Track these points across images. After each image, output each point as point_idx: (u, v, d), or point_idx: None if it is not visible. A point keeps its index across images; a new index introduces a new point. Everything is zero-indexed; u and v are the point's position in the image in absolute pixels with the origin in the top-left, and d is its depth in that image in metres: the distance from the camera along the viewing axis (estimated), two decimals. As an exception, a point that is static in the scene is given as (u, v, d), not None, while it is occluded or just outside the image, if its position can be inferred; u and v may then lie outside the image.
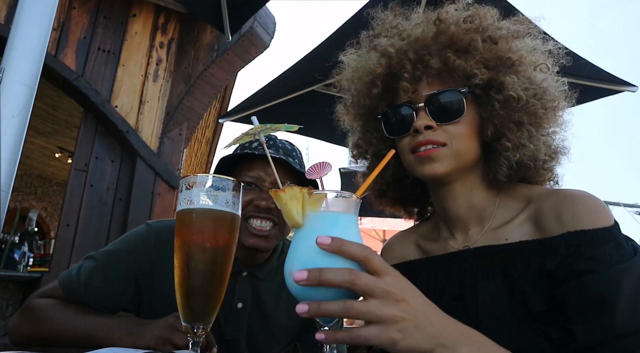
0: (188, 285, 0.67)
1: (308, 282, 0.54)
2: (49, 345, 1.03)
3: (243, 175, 1.16)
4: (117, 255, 1.15)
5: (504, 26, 0.85)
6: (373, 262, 0.56)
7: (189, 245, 0.68)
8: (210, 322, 0.70)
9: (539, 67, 0.85)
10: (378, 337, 0.54)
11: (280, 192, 0.58)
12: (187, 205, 0.68)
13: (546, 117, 0.83)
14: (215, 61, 3.95)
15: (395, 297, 0.55)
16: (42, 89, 2.00)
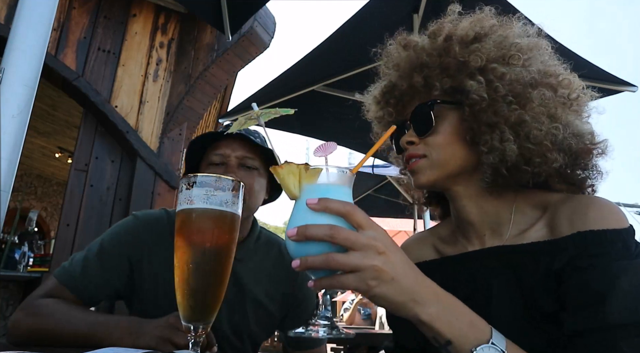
0: (188, 285, 0.68)
1: (297, 237, 0.60)
2: (49, 344, 1.03)
3: (211, 155, 1.26)
4: (109, 242, 1.22)
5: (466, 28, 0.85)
6: (355, 216, 0.61)
7: (189, 245, 0.68)
8: (210, 322, 0.70)
9: (509, 59, 0.81)
10: (355, 282, 0.59)
11: (278, 168, 0.64)
12: (187, 205, 0.68)
13: (527, 115, 0.78)
14: (215, 61, 3.95)
15: (376, 249, 0.59)
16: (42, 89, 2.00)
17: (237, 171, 1.24)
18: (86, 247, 1.22)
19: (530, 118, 0.77)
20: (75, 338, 1.01)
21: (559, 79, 0.82)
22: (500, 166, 0.79)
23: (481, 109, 0.79)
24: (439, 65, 0.84)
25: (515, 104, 0.78)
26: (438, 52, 0.84)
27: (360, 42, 3.04)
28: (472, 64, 0.81)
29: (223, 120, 3.51)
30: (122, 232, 1.24)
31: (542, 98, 0.78)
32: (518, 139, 0.78)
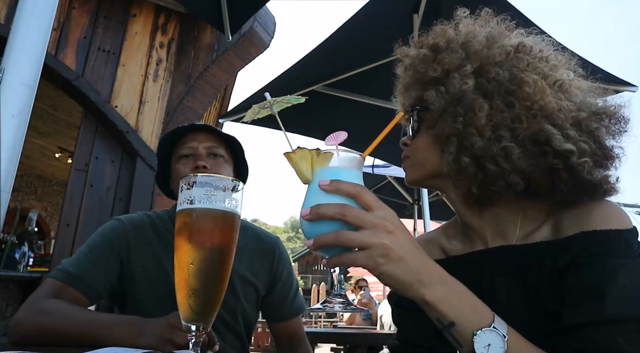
0: (188, 285, 0.67)
1: (310, 216, 0.62)
2: (53, 343, 1.03)
3: (181, 149, 1.37)
4: (97, 240, 1.29)
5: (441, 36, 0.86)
6: (365, 197, 0.63)
7: (189, 245, 0.68)
8: (210, 322, 0.70)
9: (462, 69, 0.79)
10: (364, 259, 0.61)
11: (291, 154, 0.67)
12: (187, 205, 0.68)
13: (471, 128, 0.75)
14: (215, 61, 3.96)
15: (385, 229, 0.61)
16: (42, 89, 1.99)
17: (207, 160, 1.35)
18: (74, 253, 1.27)
19: (474, 131, 0.75)
20: (78, 337, 1.01)
21: (533, 87, 0.75)
22: (469, 183, 0.78)
23: (435, 120, 0.81)
24: (413, 74, 0.88)
25: (461, 116, 0.77)
26: (414, 61, 0.88)
27: (361, 42, 3.04)
28: (430, 74, 0.83)
29: (223, 120, 3.51)
30: (109, 232, 1.32)
31: (488, 109, 0.75)
32: (465, 153, 0.76)
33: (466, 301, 0.65)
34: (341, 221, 0.61)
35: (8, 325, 1.11)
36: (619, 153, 0.76)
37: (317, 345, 5.74)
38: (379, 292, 9.64)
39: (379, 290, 9.74)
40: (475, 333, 0.62)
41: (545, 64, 0.80)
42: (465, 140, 0.76)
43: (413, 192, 5.68)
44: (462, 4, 0.91)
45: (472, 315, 0.64)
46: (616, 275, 0.66)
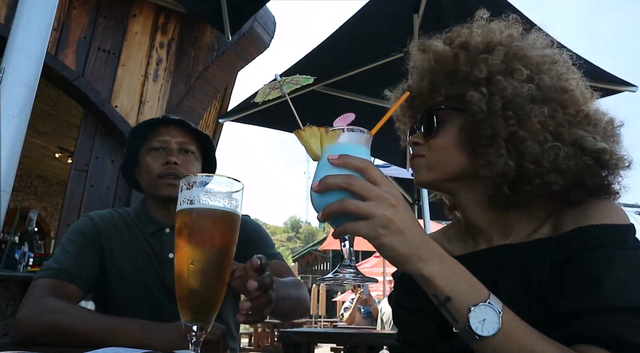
0: (188, 285, 0.67)
1: (318, 187, 0.65)
2: (55, 342, 1.03)
3: (152, 141, 1.38)
4: (74, 237, 1.30)
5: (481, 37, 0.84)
6: (372, 171, 0.65)
7: (189, 245, 0.67)
8: (210, 322, 0.70)
9: (513, 72, 0.80)
10: (366, 228, 0.62)
11: (301, 131, 0.69)
12: (187, 205, 0.68)
13: (525, 132, 0.76)
14: (215, 61, 3.96)
15: (389, 202, 0.63)
16: (42, 89, 1.99)
17: (177, 155, 1.37)
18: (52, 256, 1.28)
19: (528, 135, 0.76)
20: (86, 336, 1.02)
21: (570, 94, 0.80)
22: (501, 183, 0.78)
23: (479, 121, 0.79)
24: (446, 72, 0.84)
25: (513, 120, 0.77)
26: (447, 58, 0.85)
27: (361, 42, 3.04)
28: (475, 74, 0.80)
29: (223, 120, 3.51)
30: (82, 228, 1.33)
31: (542, 115, 0.76)
32: (514, 156, 0.77)
33: (463, 277, 0.67)
34: (348, 192, 0.64)
35: (8, 325, 1.11)
36: (631, 159, 0.80)
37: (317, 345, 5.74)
38: (378, 292, 9.64)
39: (379, 290, 9.74)
40: (470, 309, 0.64)
41: (574, 75, 0.83)
42: (517, 144, 0.76)
43: (413, 192, 5.67)
44: (462, 5, 0.91)
45: (468, 290, 0.65)
46: (613, 264, 0.67)
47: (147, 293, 1.29)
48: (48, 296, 1.13)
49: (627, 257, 0.69)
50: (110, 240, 1.33)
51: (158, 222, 1.38)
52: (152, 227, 1.37)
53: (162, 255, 1.33)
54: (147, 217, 1.39)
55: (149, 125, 1.42)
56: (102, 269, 1.30)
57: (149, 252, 1.33)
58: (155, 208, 1.40)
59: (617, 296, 0.65)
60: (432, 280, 0.65)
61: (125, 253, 1.32)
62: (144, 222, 1.38)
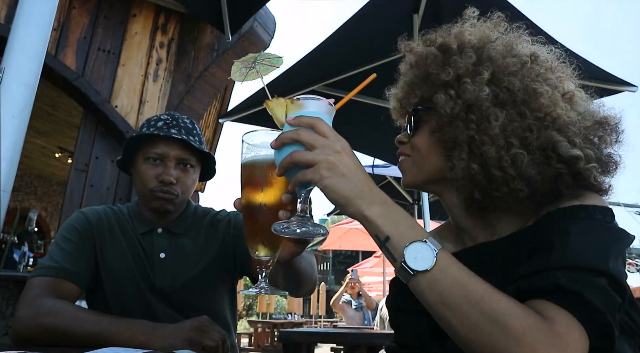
0: (257, 222, 0.78)
1: (275, 143, 0.71)
2: (55, 343, 1.03)
3: (149, 152, 1.33)
4: (68, 234, 1.29)
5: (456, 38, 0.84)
6: (322, 127, 0.70)
7: (255, 191, 0.79)
8: (276, 256, 0.81)
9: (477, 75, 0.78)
10: (311, 173, 0.67)
11: (269, 102, 0.76)
12: (251, 157, 0.80)
13: (484, 136, 0.75)
14: (215, 61, 3.96)
15: (333, 148, 0.68)
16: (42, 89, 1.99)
17: (174, 170, 1.33)
18: (47, 253, 1.28)
19: (487, 139, 0.74)
20: (86, 337, 1.02)
21: (544, 97, 0.76)
22: (472, 188, 0.77)
23: (444, 124, 0.80)
24: (422, 73, 0.86)
25: (473, 123, 0.76)
26: (425, 60, 0.86)
27: (361, 42, 3.04)
28: (442, 77, 0.81)
29: (223, 120, 3.51)
30: (77, 225, 1.31)
31: (503, 119, 0.74)
32: (476, 160, 0.75)
33: (404, 219, 0.69)
34: (300, 146, 0.69)
35: (8, 325, 1.11)
36: (619, 160, 0.78)
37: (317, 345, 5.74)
38: (378, 292, 9.63)
39: (378, 290, 9.74)
40: (407, 245, 0.66)
41: (552, 75, 0.80)
42: (476, 148, 0.76)
43: (413, 192, 5.68)
44: (462, 5, 0.91)
45: (408, 231, 0.67)
46: (568, 231, 0.68)
47: (138, 293, 1.29)
48: (45, 296, 1.12)
49: (584, 226, 0.69)
50: (103, 237, 1.32)
51: (150, 222, 1.38)
52: (144, 226, 1.37)
53: (153, 255, 1.33)
54: (139, 217, 1.39)
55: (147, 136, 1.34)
56: (95, 266, 1.30)
57: (139, 252, 1.33)
58: (147, 209, 1.39)
59: (567, 257, 0.64)
60: (372, 220, 0.68)
61: (116, 251, 1.32)
62: (136, 222, 1.38)
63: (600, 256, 0.65)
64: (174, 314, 1.29)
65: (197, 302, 1.33)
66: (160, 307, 1.29)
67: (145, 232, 1.36)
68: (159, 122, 1.36)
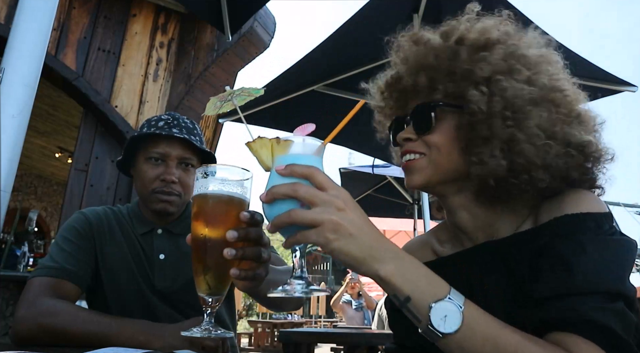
0: (204, 261, 0.75)
1: (266, 197, 0.65)
2: (55, 343, 1.03)
3: (151, 151, 1.32)
4: (69, 235, 1.28)
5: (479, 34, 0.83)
6: (318, 177, 0.64)
7: (205, 227, 0.75)
8: (224, 294, 0.78)
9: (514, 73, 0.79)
10: (315, 236, 0.62)
11: (252, 143, 0.69)
12: (203, 190, 0.76)
13: (522, 133, 0.76)
14: (215, 61, 3.96)
15: (335, 205, 0.62)
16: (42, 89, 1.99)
17: (176, 170, 1.33)
18: (48, 253, 1.28)
19: (525, 136, 0.76)
20: (85, 337, 1.02)
21: (564, 94, 0.79)
22: (488, 178, 0.78)
23: (478, 121, 0.78)
24: (445, 68, 0.82)
25: (512, 120, 0.76)
26: (447, 54, 0.83)
27: (360, 42, 3.04)
28: (477, 73, 0.79)
29: (223, 120, 3.51)
30: (77, 225, 1.31)
31: (540, 117, 0.76)
32: (509, 155, 0.76)
33: (421, 274, 0.65)
34: (295, 201, 0.63)
35: (8, 325, 1.11)
36: (613, 152, 0.81)
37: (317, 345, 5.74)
38: (378, 292, 9.63)
39: (378, 290, 9.73)
40: (431, 306, 0.63)
41: (565, 74, 0.83)
42: (516, 145, 0.76)
43: (413, 192, 5.67)
44: (462, 4, 0.91)
45: (428, 287, 0.64)
46: (584, 248, 0.67)
47: (137, 293, 1.29)
48: (45, 296, 1.12)
49: (598, 242, 0.69)
50: (103, 237, 1.32)
51: (150, 222, 1.38)
52: (144, 227, 1.37)
53: (152, 256, 1.33)
54: (139, 217, 1.39)
55: (146, 136, 1.34)
56: (95, 267, 1.30)
57: (139, 252, 1.33)
58: (147, 210, 1.39)
59: (587, 280, 0.65)
60: (389, 280, 0.64)
61: (116, 252, 1.32)
62: (136, 222, 1.38)
63: (618, 276, 0.66)
64: (174, 314, 1.29)
65: (196, 302, 1.32)
66: (160, 307, 1.28)
67: (145, 233, 1.36)
68: (160, 122, 1.36)
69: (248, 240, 0.74)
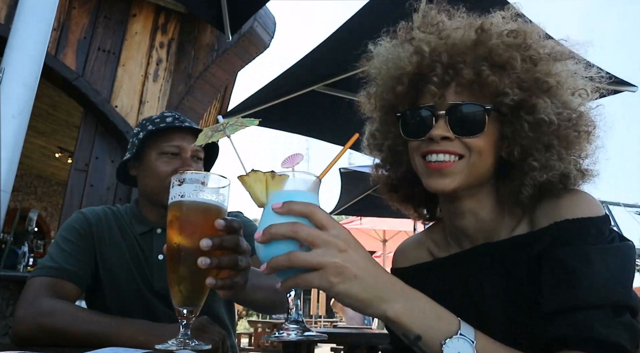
0: (179, 272, 0.73)
1: (263, 237, 0.61)
2: (55, 343, 1.03)
3: (165, 145, 1.32)
4: (69, 235, 1.28)
5: (548, 46, 0.81)
6: (318, 216, 0.61)
7: (179, 235, 0.72)
8: (199, 306, 0.76)
9: (578, 92, 0.80)
10: (318, 280, 0.59)
11: (245, 177, 0.65)
12: (178, 198, 0.74)
13: (578, 141, 0.78)
14: (215, 61, 3.96)
15: (337, 247, 0.60)
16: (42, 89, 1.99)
17: (192, 163, 1.33)
18: (47, 254, 1.27)
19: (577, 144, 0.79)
20: (85, 337, 1.02)
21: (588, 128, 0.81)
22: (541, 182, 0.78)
23: (546, 130, 0.76)
24: (517, 74, 0.77)
25: (573, 132, 0.78)
26: (523, 59, 0.78)
27: (361, 42, 3.04)
28: (550, 86, 0.77)
29: (223, 120, 3.50)
30: (76, 225, 1.31)
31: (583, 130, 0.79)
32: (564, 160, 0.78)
33: (429, 311, 0.63)
34: (294, 241, 0.60)
35: (8, 324, 1.11)
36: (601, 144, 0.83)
37: (317, 345, 5.73)
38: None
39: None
40: (443, 343, 0.61)
41: None
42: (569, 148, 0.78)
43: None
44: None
45: (437, 324, 0.63)
46: (590, 260, 0.67)
47: (137, 293, 1.29)
48: (45, 296, 1.12)
49: (602, 251, 0.69)
50: (102, 237, 1.32)
51: (149, 222, 1.37)
52: (143, 227, 1.36)
53: (151, 257, 1.32)
54: (138, 217, 1.38)
55: (165, 129, 1.34)
56: (94, 266, 1.30)
57: (138, 253, 1.33)
58: (147, 209, 1.38)
59: (595, 294, 0.65)
60: (398, 320, 0.62)
61: (115, 252, 1.31)
62: (135, 222, 1.37)
63: (624, 287, 0.67)
64: (173, 314, 1.29)
65: None
66: (159, 307, 1.28)
67: (144, 233, 1.35)
68: (167, 118, 1.36)
69: (224, 248, 0.72)
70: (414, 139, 0.83)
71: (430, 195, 0.95)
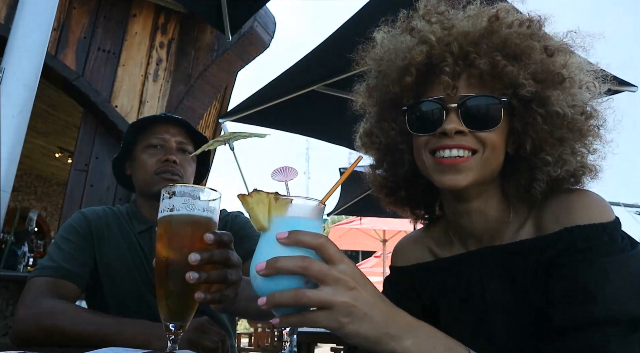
0: (167, 286, 0.71)
1: (267, 271, 0.56)
2: (55, 343, 1.03)
3: (151, 138, 1.36)
4: (68, 235, 1.29)
5: (558, 37, 0.80)
6: (328, 250, 0.57)
7: (168, 249, 0.71)
8: (188, 320, 0.74)
9: (587, 85, 0.78)
10: (326, 320, 0.56)
11: (247, 197, 0.60)
12: (167, 212, 0.72)
13: (590, 135, 0.77)
14: (215, 61, 3.96)
15: (347, 284, 0.56)
16: (42, 89, 1.99)
17: (177, 155, 1.35)
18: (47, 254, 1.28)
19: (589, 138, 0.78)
20: (85, 337, 1.02)
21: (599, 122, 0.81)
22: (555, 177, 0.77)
23: (559, 123, 0.75)
24: (533, 65, 0.74)
25: (585, 125, 0.77)
26: (540, 50, 0.76)
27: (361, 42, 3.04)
28: (564, 78, 0.75)
29: (223, 120, 3.50)
30: (76, 225, 1.32)
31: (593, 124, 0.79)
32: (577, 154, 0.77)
33: (439, 345, 0.61)
34: (301, 275, 0.56)
35: (8, 324, 1.11)
36: None
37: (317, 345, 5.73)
38: (379, 292, 9.63)
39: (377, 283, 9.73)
40: None
41: None
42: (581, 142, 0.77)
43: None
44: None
45: None
46: (606, 274, 0.66)
47: (137, 292, 1.29)
48: (45, 296, 1.12)
49: (616, 263, 0.67)
50: (102, 237, 1.33)
51: (148, 220, 1.38)
52: (142, 225, 1.36)
53: (150, 256, 1.32)
54: (137, 216, 1.38)
55: (147, 122, 1.41)
56: (94, 266, 1.30)
57: (138, 251, 1.33)
58: (146, 206, 1.39)
59: (611, 309, 0.64)
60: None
61: (115, 251, 1.32)
62: (134, 221, 1.38)
63: (638, 299, 0.65)
64: None
65: None
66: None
67: (144, 230, 1.35)
68: (153, 115, 1.42)
69: (214, 262, 0.70)
70: (423, 134, 0.79)
71: (428, 196, 0.94)
